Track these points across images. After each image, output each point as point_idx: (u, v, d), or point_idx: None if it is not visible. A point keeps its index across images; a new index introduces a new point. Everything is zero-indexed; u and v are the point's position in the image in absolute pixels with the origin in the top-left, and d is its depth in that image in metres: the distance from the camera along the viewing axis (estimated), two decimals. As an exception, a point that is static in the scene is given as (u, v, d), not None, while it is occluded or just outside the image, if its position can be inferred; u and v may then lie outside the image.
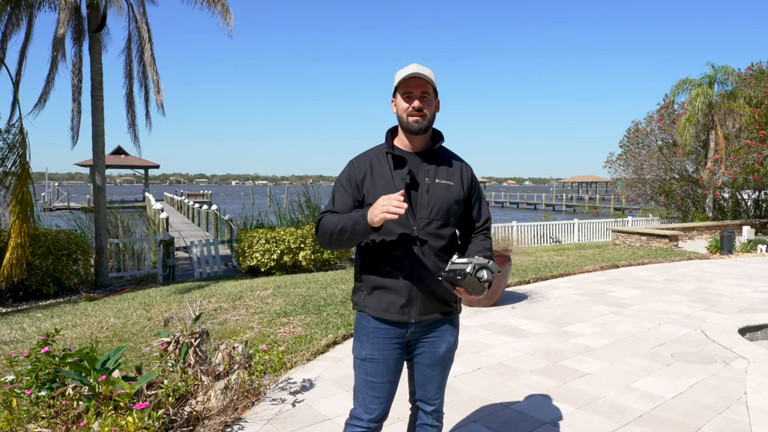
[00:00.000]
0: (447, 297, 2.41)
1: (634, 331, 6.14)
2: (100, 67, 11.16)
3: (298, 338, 5.54)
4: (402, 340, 2.39)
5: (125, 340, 5.76)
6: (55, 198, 47.90)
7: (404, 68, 2.34)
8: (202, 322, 6.19)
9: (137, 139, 12.95)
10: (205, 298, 7.91)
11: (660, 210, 22.55)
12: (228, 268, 14.27)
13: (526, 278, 9.22)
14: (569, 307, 7.37)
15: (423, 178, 2.33)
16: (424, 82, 2.30)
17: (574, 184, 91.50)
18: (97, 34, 11.00)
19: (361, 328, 2.42)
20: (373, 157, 2.38)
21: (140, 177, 54.70)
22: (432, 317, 2.38)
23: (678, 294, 8.26)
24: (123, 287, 11.18)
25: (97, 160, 11.45)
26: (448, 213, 2.35)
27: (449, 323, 2.48)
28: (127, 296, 9.16)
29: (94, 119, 11.16)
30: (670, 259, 12.02)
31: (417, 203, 2.31)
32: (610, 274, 10.13)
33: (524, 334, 6.01)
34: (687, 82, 19.64)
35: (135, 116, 12.63)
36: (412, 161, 2.35)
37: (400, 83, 2.31)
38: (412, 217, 2.30)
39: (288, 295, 7.83)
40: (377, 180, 2.32)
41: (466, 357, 5.16)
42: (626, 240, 15.06)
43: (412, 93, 2.30)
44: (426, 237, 2.30)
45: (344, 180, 2.39)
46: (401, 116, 2.33)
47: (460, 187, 2.39)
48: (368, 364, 2.37)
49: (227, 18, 11.29)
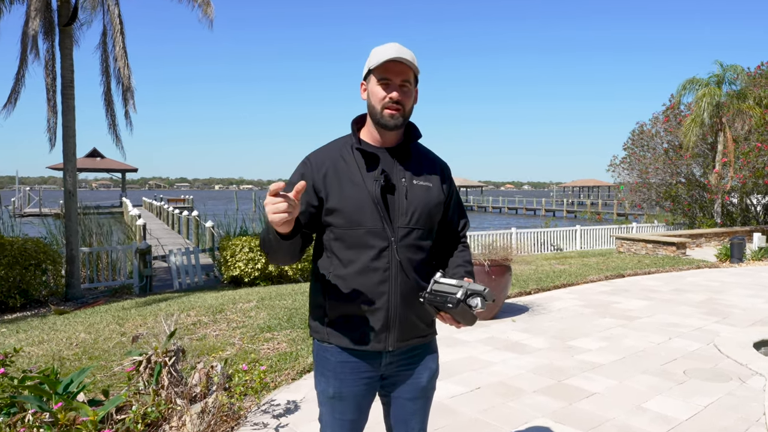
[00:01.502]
0: (427, 318, 2.16)
1: (643, 345, 6.06)
2: (71, 63, 11.00)
3: (282, 355, 5.41)
4: (375, 374, 2.13)
5: (95, 358, 5.61)
6: (26, 203, 47.48)
7: (382, 47, 2.04)
8: (179, 338, 6.05)
9: (119, 140, 12.75)
10: (183, 311, 7.76)
11: (665, 216, 22.57)
12: (209, 278, 14.11)
13: (526, 289, 9.14)
14: (573, 319, 7.29)
15: (399, 180, 2.06)
16: (407, 68, 2.02)
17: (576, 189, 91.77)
18: (69, 29, 10.84)
19: (323, 362, 2.13)
20: (335, 154, 2.08)
21: (117, 181, 54.38)
22: (411, 343, 2.14)
23: (688, 305, 8.20)
24: (96, 299, 10.99)
25: (68, 163, 11.28)
26: (429, 220, 2.10)
27: (428, 347, 2.23)
28: (100, 309, 9.00)
29: (65, 119, 10.99)
30: (678, 267, 11.99)
31: (394, 210, 2.03)
32: (615, 284, 10.07)
33: (526, 349, 5.92)
34: (694, 82, 19.67)
35: (115, 116, 12.44)
36: (384, 159, 2.07)
37: (376, 66, 2.00)
38: (389, 227, 2.01)
39: (273, 307, 7.70)
40: (344, 182, 2.03)
41: (465, 375, 5.05)
42: (631, 247, 15.02)
43: (390, 80, 2.01)
44: (405, 249, 2.04)
45: (296, 178, 2.07)
46: (374, 106, 2.03)
47: (439, 188, 2.14)
48: (336, 402, 2.12)
49: (207, 11, 11.17)
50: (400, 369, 2.15)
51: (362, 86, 2.12)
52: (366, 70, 2.09)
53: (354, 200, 2.01)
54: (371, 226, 2.00)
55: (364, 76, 2.11)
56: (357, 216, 2.01)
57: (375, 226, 2.00)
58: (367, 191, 2.00)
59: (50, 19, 11.52)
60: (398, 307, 2.03)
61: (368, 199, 2.01)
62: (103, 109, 12.34)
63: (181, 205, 50.72)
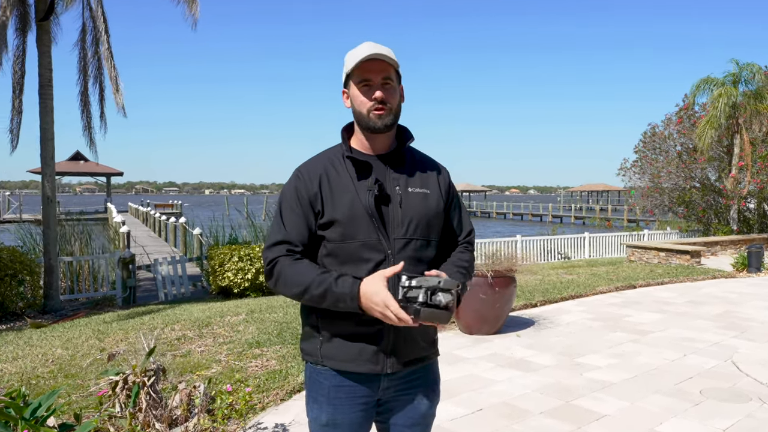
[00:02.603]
0: (428, 336, 2.12)
1: (657, 362, 5.99)
2: (49, 61, 10.92)
3: (271, 373, 5.32)
4: (371, 399, 2.08)
5: (72, 377, 5.54)
6: (5, 209, 47.32)
7: (355, 49, 2.02)
8: (161, 355, 5.98)
9: (93, 143, 12.68)
10: (167, 324, 7.69)
11: (679, 222, 22.51)
12: (197, 289, 14.05)
13: (532, 301, 9.07)
14: (581, 334, 7.23)
15: (393, 188, 2.04)
16: (386, 65, 2.00)
17: (584, 194, 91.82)
18: (46, 24, 10.76)
19: (316, 386, 2.09)
20: (327, 164, 2.07)
21: (102, 185, 54.32)
22: (410, 364, 2.08)
23: (703, 319, 8.14)
24: (76, 311, 10.90)
25: (47, 167, 11.19)
26: (428, 229, 2.07)
27: (429, 369, 2.18)
28: (80, 322, 8.93)
29: (43, 121, 10.92)
30: (693, 278, 11.94)
31: (389, 220, 2.02)
32: (626, 296, 10.01)
33: (531, 366, 5.84)
34: (709, 81, 19.64)
35: (90, 117, 12.36)
36: (377, 167, 2.06)
37: (353, 69, 2.00)
38: (385, 239, 1.99)
39: (262, 321, 7.62)
40: (336, 192, 2.01)
41: (466, 395, 4.97)
42: (643, 256, 14.96)
43: (370, 80, 2.00)
44: (404, 262, 1.96)
45: (290, 197, 2.06)
46: (359, 111, 2.03)
47: (438, 195, 2.11)
48: (329, 430, 2.06)
49: (193, 8, 11.11)
50: (399, 393, 2.11)
51: (344, 94, 2.11)
52: (344, 76, 2.08)
53: (347, 212, 1.98)
54: (366, 238, 1.98)
55: (344, 84, 2.10)
56: (350, 228, 1.98)
57: (370, 239, 1.98)
58: (360, 202, 1.98)
59: (25, 12, 11.44)
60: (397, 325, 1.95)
61: (362, 210, 1.98)
62: (79, 110, 12.27)
63: (169, 210, 50.74)
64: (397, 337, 2.01)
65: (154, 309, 9.82)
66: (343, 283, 1.89)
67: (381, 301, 1.81)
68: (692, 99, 20.60)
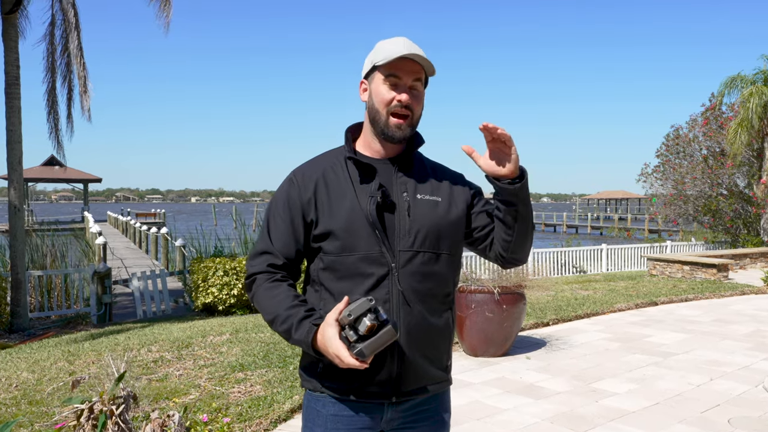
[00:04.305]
0: (440, 361, 2.05)
1: (680, 388, 5.93)
2: (16, 57, 10.92)
3: (255, 400, 5.26)
4: (374, 430, 2.02)
5: (36, 403, 5.48)
6: (-26, 218, 47.44)
7: (391, 41, 1.98)
8: (135, 379, 5.92)
9: (61, 146, 12.70)
10: (144, 345, 7.64)
11: (705, 233, 22.50)
12: (178, 306, 14.04)
13: (544, 319, 9.03)
14: (598, 356, 7.18)
15: (400, 194, 1.99)
16: (419, 68, 1.97)
17: (601, 202, 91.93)
18: (13, 17, 10.77)
19: (313, 414, 2.04)
20: (325, 166, 2.03)
21: (79, 192, 54.45)
22: (418, 393, 2.02)
23: (731, 339, 8.09)
24: (46, 330, 10.87)
25: (13, 173, 11.16)
26: (438, 241, 2.00)
27: (440, 400, 2.11)
28: (50, 342, 8.88)
29: (9, 122, 10.91)
30: (720, 294, 11.91)
31: (394, 230, 1.96)
32: (647, 314, 9.97)
33: (542, 393, 5.79)
34: (737, 79, 19.66)
35: (58, 119, 12.39)
36: (382, 171, 2.01)
37: (386, 63, 1.95)
38: (389, 251, 1.94)
39: (248, 341, 7.57)
40: (334, 198, 1.96)
41: (469, 425, 4.92)
42: (665, 270, 14.92)
43: (400, 80, 1.95)
44: (409, 277, 1.95)
45: (280, 204, 2.03)
46: (378, 110, 1.98)
47: (450, 203, 2.05)
48: None
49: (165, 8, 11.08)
50: (405, 426, 2.05)
51: (362, 85, 2.07)
52: (370, 66, 2.02)
53: (345, 220, 1.93)
54: (366, 250, 1.93)
55: (365, 74, 2.04)
56: (349, 240, 1.93)
57: (371, 251, 1.93)
58: (360, 209, 1.93)
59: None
60: (402, 348, 1.94)
61: (362, 219, 1.93)
62: (45, 111, 12.27)
63: (151, 220, 50.76)
64: (405, 362, 1.96)
65: (131, 328, 9.78)
66: (302, 330, 1.88)
67: (333, 353, 1.79)
68: (720, 98, 20.62)
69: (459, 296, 6.88)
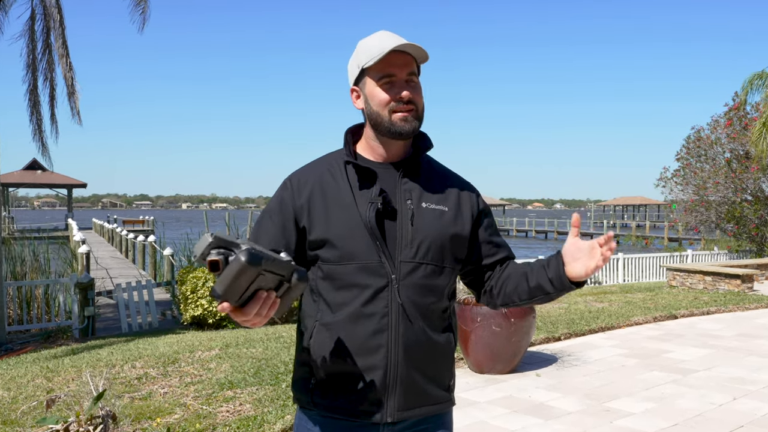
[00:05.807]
0: (442, 380, 2.03)
1: (701, 408, 5.91)
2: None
3: (244, 420, 5.25)
4: None
5: (10, 423, 5.48)
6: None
7: (374, 38, 1.96)
8: (117, 396, 5.91)
9: (46, 149, 12.73)
10: (127, 361, 7.64)
11: (728, 241, 22.49)
12: (165, 318, 14.06)
13: (555, 334, 9.02)
14: (613, 373, 7.16)
15: (403, 201, 1.97)
16: (410, 58, 1.95)
17: (618, 208, 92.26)
18: (-10, 12, 10.81)
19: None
20: (323, 171, 2.02)
21: (63, 198, 54.66)
22: (417, 413, 1.98)
23: (757, 355, 8.07)
24: (25, 345, 10.89)
25: (-11, 177, 11.21)
26: (442, 253, 1.98)
27: (441, 421, 2.08)
28: (28, 358, 8.92)
29: (-13, 123, 10.95)
30: (744, 306, 11.88)
31: (395, 239, 1.94)
32: (665, 328, 9.95)
33: (553, 413, 5.77)
34: (762, 77, 19.67)
35: (41, 119, 12.41)
36: (384, 176, 1.99)
37: (374, 63, 1.93)
38: (389, 261, 1.92)
39: (238, 357, 7.56)
40: (331, 204, 1.95)
41: (473, 447, 4.87)
42: (685, 281, 14.89)
43: (394, 76, 1.94)
44: (410, 290, 1.93)
45: (273, 208, 2.03)
46: (377, 113, 1.95)
47: (457, 214, 2.03)
48: None
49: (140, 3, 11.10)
50: None
51: (353, 93, 2.05)
52: (357, 70, 1.99)
53: (342, 228, 1.92)
54: (365, 260, 1.92)
55: (355, 80, 2.02)
56: (346, 248, 1.92)
57: (370, 261, 1.92)
58: (359, 215, 1.91)
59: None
60: (400, 364, 1.93)
61: (360, 226, 1.91)
62: (27, 112, 12.31)
63: (139, 227, 50.85)
64: (402, 380, 1.94)
65: (114, 342, 9.79)
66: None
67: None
68: (743, 97, 20.62)
69: (464, 309, 6.87)
